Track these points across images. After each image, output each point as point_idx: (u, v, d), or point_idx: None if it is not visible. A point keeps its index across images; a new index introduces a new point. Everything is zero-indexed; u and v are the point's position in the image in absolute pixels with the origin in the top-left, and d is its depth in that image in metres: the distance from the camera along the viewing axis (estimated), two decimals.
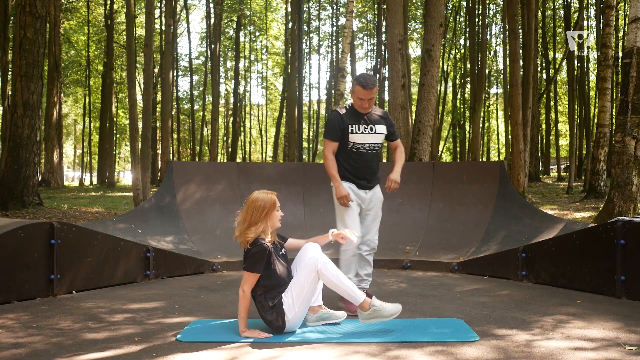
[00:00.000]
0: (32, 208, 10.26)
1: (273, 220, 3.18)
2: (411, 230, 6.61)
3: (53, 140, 22.85)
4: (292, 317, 3.05)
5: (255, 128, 41.24)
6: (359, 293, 3.06)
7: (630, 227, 3.89)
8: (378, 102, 26.15)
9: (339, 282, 3.05)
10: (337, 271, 3.09)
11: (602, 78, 12.49)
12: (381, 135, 3.88)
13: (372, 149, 3.85)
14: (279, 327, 3.06)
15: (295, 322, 3.10)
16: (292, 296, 3.05)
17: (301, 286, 3.06)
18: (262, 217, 3.12)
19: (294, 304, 3.04)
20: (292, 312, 3.04)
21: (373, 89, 3.67)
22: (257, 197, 3.16)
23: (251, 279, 3.06)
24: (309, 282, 3.05)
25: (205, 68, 29.93)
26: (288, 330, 3.09)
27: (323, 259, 3.07)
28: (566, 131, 34.19)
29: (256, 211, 3.11)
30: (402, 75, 9.90)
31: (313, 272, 3.05)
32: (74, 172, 50.35)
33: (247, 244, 3.10)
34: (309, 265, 3.06)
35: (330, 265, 3.08)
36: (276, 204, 3.19)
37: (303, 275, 3.07)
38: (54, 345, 2.85)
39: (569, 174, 17.53)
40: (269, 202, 3.15)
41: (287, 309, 3.04)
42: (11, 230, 3.84)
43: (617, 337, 2.96)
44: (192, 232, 6.44)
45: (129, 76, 11.28)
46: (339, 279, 3.06)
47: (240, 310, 3.04)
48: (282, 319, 3.04)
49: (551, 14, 28.05)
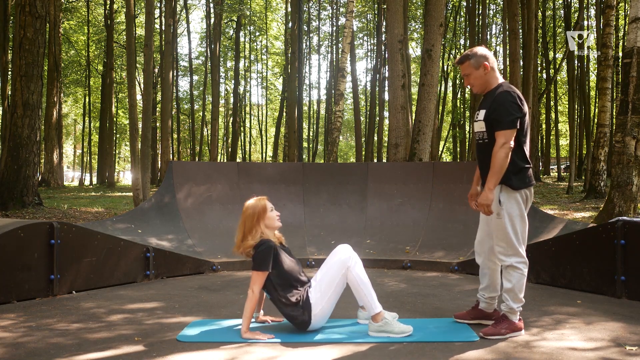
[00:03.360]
0: (32, 208, 10.26)
1: (269, 221, 3.19)
2: (411, 230, 6.61)
3: (53, 140, 22.84)
4: (320, 312, 3.07)
5: (255, 128, 41.25)
6: (377, 304, 3.05)
7: (630, 227, 3.89)
8: (378, 101, 26.16)
9: (362, 285, 3.06)
10: (365, 275, 3.10)
11: (602, 78, 12.48)
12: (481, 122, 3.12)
13: (480, 138, 3.17)
14: (304, 323, 3.06)
15: (323, 316, 3.11)
16: (321, 290, 3.08)
17: (330, 281, 3.08)
18: (255, 222, 3.15)
19: (321, 298, 3.06)
20: (319, 306, 3.06)
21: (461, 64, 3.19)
22: (247, 206, 3.21)
23: (260, 278, 3.05)
24: (338, 277, 3.08)
25: (205, 68, 29.94)
26: (313, 326, 3.09)
27: (355, 258, 3.11)
28: (566, 131, 34.22)
29: (248, 219, 3.16)
30: (402, 75, 9.89)
31: (344, 268, 3.07)
32: (73, 172, 50.36)
33: (249, 250, 3.11)
34: (341, 261, 3.09)
35: (360, 266, 3.11)
36: (266, 206, 3.21)
37: (333, 270, 3.09)
38: (54, 345, 2.84)
39: (569, 174, 17.52)
40: (258, 207, 3.18)
41: (314, 303, 3.06)
42: (11, 230, 3.84)
43: (617, 337, 2.95)
44: (192, 232, 6.44)
45: (129, 76, 11.28)
46: (364, 282, 3.07)
47: (246, 310, 3.03)
48: (309, 313, 3.05)
49: (551, 14, 28.06)
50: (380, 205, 7.01)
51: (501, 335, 2.97)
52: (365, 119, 31.90)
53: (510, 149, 2.96)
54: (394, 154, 9.81)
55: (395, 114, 9.80)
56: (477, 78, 3.16)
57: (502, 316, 3.06)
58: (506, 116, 2.96)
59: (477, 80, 3.16)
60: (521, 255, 3.06)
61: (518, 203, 3.05)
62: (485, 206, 3.01)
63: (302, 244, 6.41)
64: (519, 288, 3.04)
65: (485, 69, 3.13)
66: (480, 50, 3.18)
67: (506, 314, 3.04)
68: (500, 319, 3.06)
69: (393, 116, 9.87)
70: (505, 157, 2.95)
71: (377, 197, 7.07)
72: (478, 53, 3.16)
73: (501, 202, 3.04)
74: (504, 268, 3.09)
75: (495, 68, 3.18)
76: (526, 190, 3.08)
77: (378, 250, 6.18)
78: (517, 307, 3.04)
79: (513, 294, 3.03)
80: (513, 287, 3.03)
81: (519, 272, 3.04)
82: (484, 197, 3.00)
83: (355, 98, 27.98)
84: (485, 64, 3.13)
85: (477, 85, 3.18)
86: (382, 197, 7.06)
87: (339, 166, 8.10)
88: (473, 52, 3.17)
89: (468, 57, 3.16)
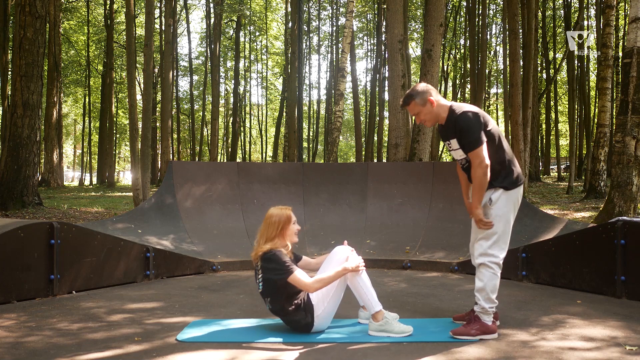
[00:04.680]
0: (31, 208, 10.26)
1: (290, 235, 3.20)
2: (411, 230, 6.61)
3: (53, 140, 22.85)
4: (322, 313, 3.07)
5: (255, 128, 41.25)
6: (377, 302, 3.05)
7: (630, 227, 3.89)
8: (378, 101, 26.17)
9: (363, 286, 3.06)
10: (365, 275, 3.10)
11: (602, 78, 12.48)
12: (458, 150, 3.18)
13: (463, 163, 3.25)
14: (307, 325, 3.07)
15: (326, 318, 3.11)
16: (322, 292, 3.07)
17: None
18: (279, 233, 3.16)
19: (323, 300, 3.06)
20: (321, 307, 3.06)
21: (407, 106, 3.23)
22: (272, 213, 3.20)
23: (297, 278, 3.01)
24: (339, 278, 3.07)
25: (205, 68, 29.93)
26: (316, 328, 3.09)
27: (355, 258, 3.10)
28: (566, 131, 34.22)
29: (272, 227, 3.16)
30: (402, 75, 9.89)
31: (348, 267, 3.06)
32: (73, 172, 50.36)
33: (260, 254, 3.11)
34: (341, 261, 3.10)
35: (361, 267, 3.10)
36: (291, 218, 3.22)
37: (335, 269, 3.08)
38: (53, 345, 2.84)
39: (569, 174, 17.53)
40: (283, 217, 3.18)
41: (315, 304, 3.06)
42: (11, 230, 3.84)
43: (617, 337, 2.96)
44: (192, 232, 6.44)
45: (129, 76, 11.27)
46: (364, 281, 3.07)
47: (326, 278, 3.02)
48: (312, 314, 3.05)
49: (551, 14, 28.05)
50: (380, 205, 7.01)
51: (471, 336, 2.96)
52: (365, 119, 31.90)
53: (487, 166, 3.02)
54: (394, 154, 9.81)
55: (395, 114, 9.80)
56: (427, 114, 3.18)
57: (475, 316, 3.04)
58: (471, 136, 3.03)
59: (428, 115, 3.18)
60: (496, 256, 3.06)
61: (507, 204, 3.07)
62: (480, 222, 3.07)
63: (302, 244, 6.41)
64: (491, 288, 3.03)
65: (431, 104, 3.16)
66: (420, 87, 3.20)
67: (479, 315, 3.03)
68: (472, 319, 3.04)
69: (393, 116, 9.87)
70: (483, 175, 3.02)
71: (377, 197, 7.07)
72: (419, 90, 3.18)
73: (492, 200, 3.07)
74: (477, 266, 3.10)
75: (439, 97, 3.20)
76: (515, 190, 3.10)
77: (378, 250, 6.18)
78: (490, 307, 3.03)
79: (485, 293, 3.03)
80: (484, 286, 3.03)
81: (490, 271, 3.04)
82: (475, 215, 3.09)
83: (355, 98, 27.98)
84: (429, 99, 3.15)
85: (429, 120, 3.21)
86: (382, 197, 7.06)
87: (339, 166, 8.09)
88: (415, 91, 3.19)
89: (412, 97, 3.18)
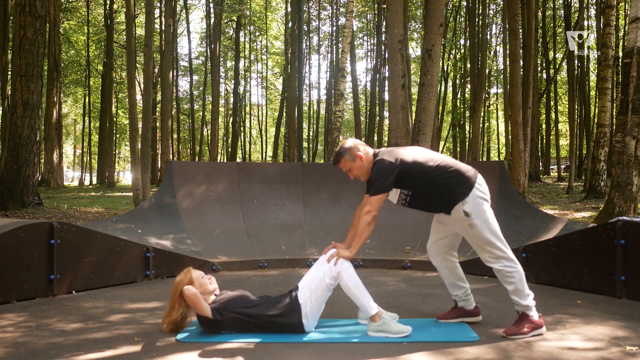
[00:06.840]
0: (31, 208, 10.26)
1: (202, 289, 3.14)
2: (411, 230, 6.61)
3: (53, 140, 22.84)
4: (309, 311, 3.06)
5: (255, 128, 41.23)
6: (372, 305, 3.04)
7: (630, 227, 3.89)
8: (378, 101, 26.18)
9: (355, 289, 3.04)
10: (356, 278, 3.07)
11: (602, 78, 12.48)
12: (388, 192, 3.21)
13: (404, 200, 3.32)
14: (296, 325, 3.06)
15: (312, 315, 3.09)
16: (310, 290, 3.07)
17: (320, 280, 3.07)
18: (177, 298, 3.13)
19: (310, 298, 3.06)
20: (309, 305, 3.06)
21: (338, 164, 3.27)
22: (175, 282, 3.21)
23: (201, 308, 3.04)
24: (328, 277, 3.06)
25: (205, 68, 29.93)
26: (308, 326, 3.08)
27: (344, 263, 3.08)
28: (566, 131, 34.23)
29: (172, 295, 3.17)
30: (402, 75, 9.89)
31: (334, 271, 3.05)
32: (73, 172, 50.37)
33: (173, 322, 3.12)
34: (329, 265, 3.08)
35: (350, 271, 3.08)
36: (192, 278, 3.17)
37: (324, 269, 3.08)
38: (53, 345, 2.84)
39: (569, 174, 17.53)
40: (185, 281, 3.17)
41: (303, 302, 3.05)
42: (11, 230, 3.84)
43: (617, 337, 2.95)
44: (192, 232, 6.44)
45: (129, 76, 11.27)
46: (357, 286, 3.05)
47: None
48: (299, 313, 3.04)
49: (551, 14, 28.04)
50: None
51: (524, 335, 2.98)
52: (365, 119, 31.89)
53: (374, 217, 3.05)
54: None
55: (395, 114, 9.79)
56: (358, 169, 3.20)
57: (521, 315, 3.06)
58: (378, 182, 3.06)
59: (360, 170, 3.20)
60: (508, 257, 3.07)
61: (479, 205, 3.08)
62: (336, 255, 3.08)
63: (302, 244, 6.41)
64: (522, 285, 3.05)
65: (360, 159, 3.17)
66: (348, 143, 3.23)
67: (525, 313, 3.05)
68: (520, 318, 3.06)
69: (393, 116, 9.86)
70: (367, 225, 3.04)
71: None
72: (347, 147, 3.20)
73: (467, 213, 3.05)
74: (497, 273, 3.10)
75: (367, 150, 3.21)
76: (475, 188, 3.10)
77: (378, 250, 6.18)
78: (529, 301, 3.05)
79: (519, 292, 3.04)
80: (516, 286, 3.04)
81: (511, 271, 3.06)
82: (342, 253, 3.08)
83: (355, 98, 27.98)
84: (358, 155, 3.17)
85: (362, 174, 3.22)
86: None
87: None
88: (342, 148, 3.21)
89: (341, 155, 3.21)
